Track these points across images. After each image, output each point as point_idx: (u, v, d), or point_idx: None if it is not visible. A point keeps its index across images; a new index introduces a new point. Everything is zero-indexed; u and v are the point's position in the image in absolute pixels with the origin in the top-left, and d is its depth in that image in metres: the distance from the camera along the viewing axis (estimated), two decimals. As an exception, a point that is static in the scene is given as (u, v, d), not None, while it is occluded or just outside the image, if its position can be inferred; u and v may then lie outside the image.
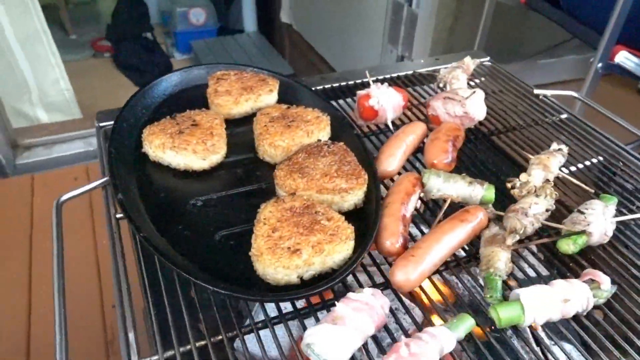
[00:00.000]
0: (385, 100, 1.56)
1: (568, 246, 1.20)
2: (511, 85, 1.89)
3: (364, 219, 1.22)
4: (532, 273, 1.20)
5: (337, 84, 1.83)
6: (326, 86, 1.83)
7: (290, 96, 1.62)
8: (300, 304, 1.16)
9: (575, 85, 2.74)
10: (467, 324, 1.01)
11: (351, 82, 1.83)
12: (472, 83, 1.88)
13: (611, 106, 1.73)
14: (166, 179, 1.35)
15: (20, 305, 2.39)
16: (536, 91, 1.83)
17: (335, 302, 1.02)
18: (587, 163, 1.55)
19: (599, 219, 1.21)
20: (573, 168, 1.52)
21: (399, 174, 1.43)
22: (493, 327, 1.06)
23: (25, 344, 2.18)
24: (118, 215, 1.28)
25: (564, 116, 1.74)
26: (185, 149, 1.33)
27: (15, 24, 3.29)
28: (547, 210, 1.29)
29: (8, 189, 3.19)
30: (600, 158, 1.57)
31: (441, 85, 1.78)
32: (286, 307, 1.14)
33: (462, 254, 1.26)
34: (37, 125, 3.50)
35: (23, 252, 2.72)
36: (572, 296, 1.05)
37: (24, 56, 3.41)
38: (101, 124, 1.59)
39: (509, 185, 1.37)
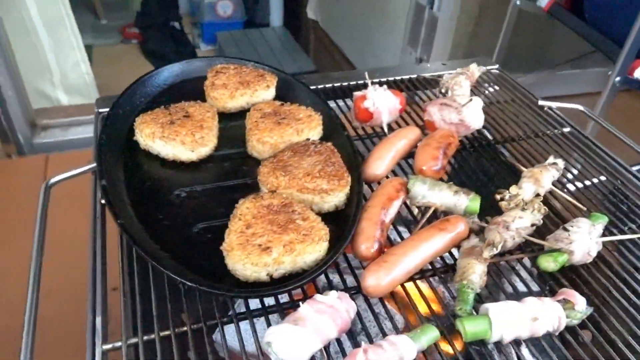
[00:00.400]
0: (381, 103, 1.54)
1: (548, 263, 1.17)
2: (516, 94, 1.85)
3: (343, 221, 1.22)
4: (522, 288, 1.18)
5: (338, 84, 1.83)
6: (327, 85, 1.82)
7: (288, 93, 1.62)
8: (273, 301, 1.16)
9: (595, 99, 2.67)
10: (430, 335, 1.00)
11: (353, 83, 1.82)
12: (475, 90, 1.85)
13: (630, 122, 1.68)
14: (154, 168, 1.37)
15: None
16: (541, 102, 1.79)
17: (300, 303, 1.02)
18: (587, 181, 1.51)
19: (583, 238, 1.18)
20: (571, 186, 1.48)
21: (388, 177, 1.42)
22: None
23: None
24: (103, 201, 1.30)
25: (567, 130, 1.70)
26: (174, 140, 1.34)
27: (42, 8, 3.36)
28: (532, 225, 1.26)
29: (23, 166, 3.27)
30: (602, 177, 1.53)
31: (443, 90, 1.76)
32: (268, 302, 1.13)
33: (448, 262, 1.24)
34: (56, 107, 3.58)
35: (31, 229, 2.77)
36: (542, 315, 1.02)
37: (48, 39, 3.49)
38: (100, 110, 1.62)
39: (497, 196, 1.35)
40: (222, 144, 1.45)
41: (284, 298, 1.14)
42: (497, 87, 1.90)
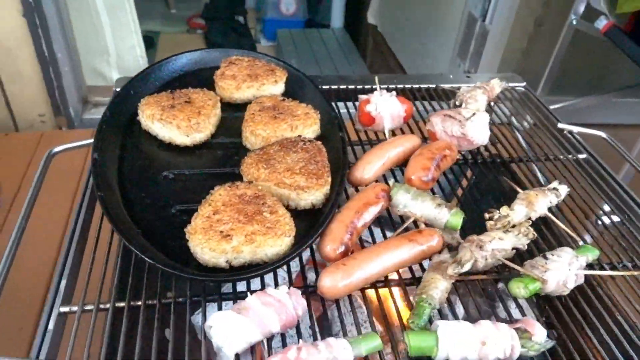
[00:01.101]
0: (384, 108, 1.53)
1: (519, 289, 1.12)
2: (537, 114, 1.78)
3: (317, 220, 1.22)
4: (517, 314, 1.14)
5: (352, 86, 1.82)
6: (341, 87, 1.82)
7: (297, 90, 1.64)
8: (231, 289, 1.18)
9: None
10: (371, 344, 0.98)
11: (367, 87, 1.81)
12: (494, 106, 1.79)
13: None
14: (150, 149, 1.42)
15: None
16: (560, 125, 1.71)
17: (249, 293, 1.03)
18: (591, 211, 1.43)
19: (561, 269, 1.13)
20: (572, 213, 1.41)
21: (377, 182, 1.40)
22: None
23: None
24: (97, 174, 1.36)
25: (582, 156, 1.61)
26: (170, 123, 1.39)
27: (105, -7, 3.56)
28: (513, 249, 1.22)
29: (71, 139, 3.46)
30: (606, 207, 1.44)
31: (457, 103, 1.72)
32: (228, 289, 1.16)
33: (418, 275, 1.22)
34: (107, 86, 3.77)
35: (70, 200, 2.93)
36: (492, 340, 0.98)
37: (108, 22, 3.68)
38: (117, 89, 1.69)
39: (487, 215, 1.31)
40: (220, 133, 1.49)
41: (241, 286, 1.15)
42: (518, 105, 1.83)
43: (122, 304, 1.07)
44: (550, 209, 1.36)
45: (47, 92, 3.34)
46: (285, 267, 1.19)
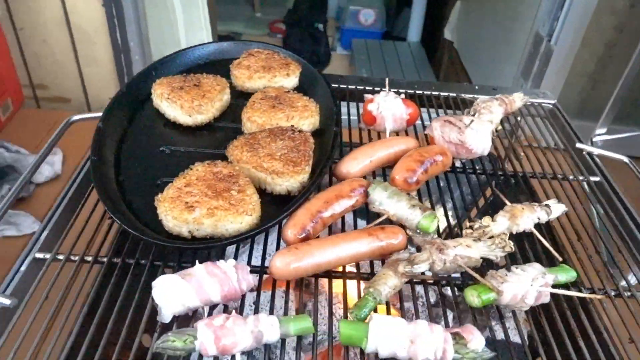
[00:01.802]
0: (385, 108, 1.53)
1: (472, 298, 1.09)
2: (559, 133, 1.70)
3: (286, 206, 1.25)
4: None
5: (370, 87, 1.83)
6: (359, 87, 1.84)
7: (310, 86, 1.68)
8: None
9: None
10: (301, 325, 1.00)
11: (385, 89, 1.81)
12: (511, 119, 1.73)
13: None
14: (155, 125, 1.52)
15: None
16: (578, 145, 1.62)
17: (197, 262, 1.08)
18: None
19: (521, 283, 1.08)
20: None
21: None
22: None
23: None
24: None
25: (595, 179, 1.52)
26: (175, 103, 1.48)
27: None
28: (483, 259, 1.18)
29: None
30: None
31: (471, 113, 1.68)
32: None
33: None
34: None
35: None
36: (421, 340, 0.96)
37: (182, 17, 3.92)
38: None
39: (467, 224, 1.28)
40: (224, 117, 1.56)
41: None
42: (540, 120, 1.76)
43: (89, 259, 1.16)
44: (540, 225, 1.30)
45: (117, 77, 3.61)
46: (248, 249, 1.24)
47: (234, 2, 7.40)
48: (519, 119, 1.80)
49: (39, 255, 1.16)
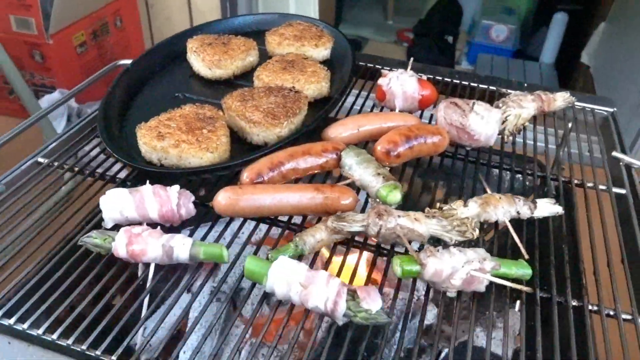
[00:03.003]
0: (396, 85, 1.49)
1: (396, 267, 1.03)
2: (600, 137, 1.52)
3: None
4: None
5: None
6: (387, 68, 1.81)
7: (339, 58, 1.70)
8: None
9: None
10: (212, 251, 1.05)
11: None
12: (547, 119, 1.58)
13: None
14: (182, 75, 1.66)
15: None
16: (614, 154, 1.43)
17: (148, 182, 1.17)
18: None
19: (452, 262, 1.00)
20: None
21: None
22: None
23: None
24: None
25: (620, 191, 1.33)
26: (199, 55, 1.60)
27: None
28: (431, 238, 1.12)
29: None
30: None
31: (500, 105, 1.56)
32: None
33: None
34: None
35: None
36: (314, 288, 0.95)
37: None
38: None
39: (438, 204, 1.21)
40: (246, 77, 1.64)
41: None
42: (584, 125, 1.58)
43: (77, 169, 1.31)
44: (518, 221, 1.19)
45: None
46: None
47: (366, 8, 7.55)
48: (569, 125, 1.64)
49: (41, 160, 1.34)
